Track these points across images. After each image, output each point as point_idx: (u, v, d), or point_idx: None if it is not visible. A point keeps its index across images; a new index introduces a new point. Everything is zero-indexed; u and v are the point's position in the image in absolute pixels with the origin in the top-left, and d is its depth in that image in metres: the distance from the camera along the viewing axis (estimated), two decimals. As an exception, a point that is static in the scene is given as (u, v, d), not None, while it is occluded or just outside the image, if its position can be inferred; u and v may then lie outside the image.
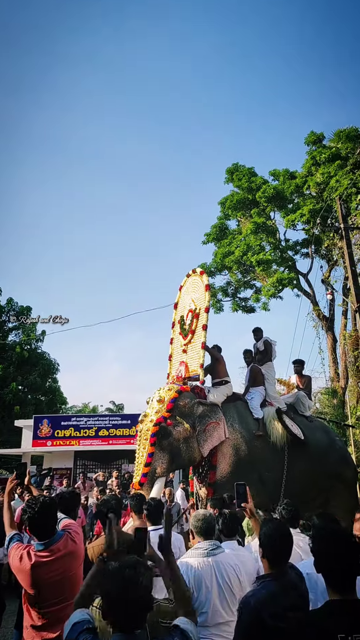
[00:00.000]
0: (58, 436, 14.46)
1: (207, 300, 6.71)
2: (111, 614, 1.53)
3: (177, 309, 7.53)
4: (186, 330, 6.96)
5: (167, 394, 6.02)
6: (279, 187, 20.05)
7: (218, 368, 6.76)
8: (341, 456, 7.31)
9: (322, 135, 19.61)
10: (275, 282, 19.87)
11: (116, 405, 33.56)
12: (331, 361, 20.88)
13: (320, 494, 6.54)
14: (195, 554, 2.87)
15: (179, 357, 7.04)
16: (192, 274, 7.35)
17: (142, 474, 5.56)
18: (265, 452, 6.24)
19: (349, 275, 10.15)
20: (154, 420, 5.79)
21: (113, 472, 13.12)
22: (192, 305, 7.02)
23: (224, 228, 22.38)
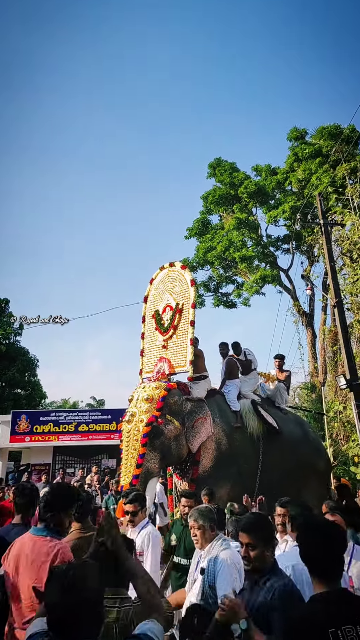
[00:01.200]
0: (37, 431, 14.29)
1: (193, 296, 6.58)
2: (51, 625, 1.31)
3: (148, 302, 7.27)
4: (165, 325, 6.78)
5: (155, 392, 5.86)
6: (261, 183, 20.13)
7: (197, 363, 6.73)
8: (314, 447, 7.53)
9: (304, 132, 19.74)
10: (258, 278, 20.01)
11: (97, 401, 33.36)
12: (310, 356, 21.15)
13: (294, 485, 6.64)
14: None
15: (156, 353, 6.87)
16: (169, 267, 7.12)
17: (134, 476, 5.41)
18: (243, 445, 6.33)
19: (328, 271, 10.25)
20: (144, 420, 5.64)
21: (92, 468, 13.07)
22: (169, 299, 6.84)
23: (206, 223, 22.38)
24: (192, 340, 6.37)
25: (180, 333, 6.60)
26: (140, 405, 5.79)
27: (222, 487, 5.82)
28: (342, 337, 9.78)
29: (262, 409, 6.80)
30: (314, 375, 20.64)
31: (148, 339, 7.11)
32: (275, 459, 6.43)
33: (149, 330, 7.10)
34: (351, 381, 9.18)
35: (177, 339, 6.62)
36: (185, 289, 6.72)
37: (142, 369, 7.04)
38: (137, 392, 6.03)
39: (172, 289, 6.94)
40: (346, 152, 17.03)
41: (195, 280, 7.08)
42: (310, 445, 7.40)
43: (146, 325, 7.16)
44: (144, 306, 7.27)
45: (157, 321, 6.92)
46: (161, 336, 6.80)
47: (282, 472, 6.46)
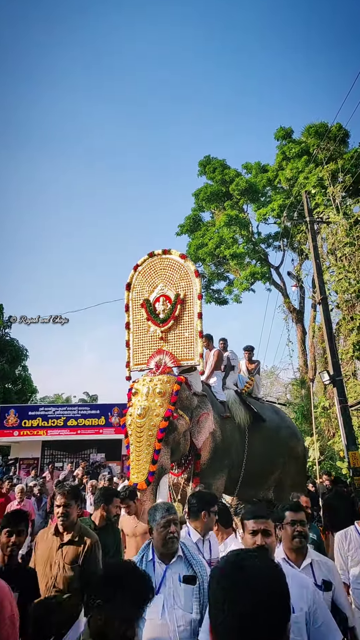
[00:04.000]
0: (25, 426, 14.38)
1: (198, 287, 6.33)
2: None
3: (133, 290, 6.80)
4: (162, 316, 6.39)
5: (166, 386, 5.58)
6: (252, 180, 20.24)
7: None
8: (292, 432, 7.75)
9: (290, 130, 19.87)
10: (248, 275, 20.15)
11: (90, 396, 33.40)
12: (300, 352, 21.34)
13: (275, 472, 6.79)
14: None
15: (150, 344, 6.52)
16: (162, 255, 6.69)
17: (150, 472, 5.16)
18: (232, 434, 6.36)
19: (314, 268, 10.38)
20: (159, 414, 5.38)
21: (81, 462, 13.18)
22: (164, 289, 6.51)
23: (197, 220, 22.47)
24: (201, 333, 6.19)
25: (183, 325, 6.30)
26: (154, 399, 5.51)
27: (219, 479, 5.94)
28: (327, 334, 9.93)
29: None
30: (303, 371, 20.85)
31: (136, 329, 6.68)
32: (258, 447, 6.54)
33: (136, 320, 6.67)
34: (334, 377, 9.32)
35: (179, 330, 6.32)
36: (187, 279, 6.41)
37: (129, 361, 6.56)
38: (144, 385, 5.68)
39: (169, 278, 6.57)
40: (332, 150, 17.17)
41: (199, 272, 6.67)
42: (289, 431, 7.58)
43: (132, 315, 6.71)
44: (127, 294, 6.77)
45: (149, 311, 6.50)
46: (156, 327, 6.42)
47: (265, 460, 6.60)
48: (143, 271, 6.80)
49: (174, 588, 2.33)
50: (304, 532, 2.53)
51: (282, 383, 30.42)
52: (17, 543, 2.62)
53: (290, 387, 24.01)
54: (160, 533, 2.42)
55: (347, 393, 13.91)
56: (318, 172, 16.54)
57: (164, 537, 2.40)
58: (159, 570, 2.39)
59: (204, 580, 2.34)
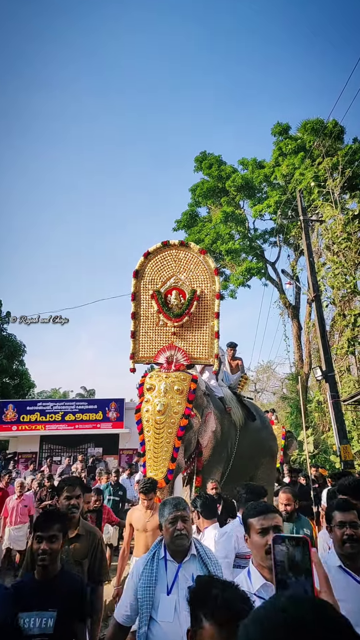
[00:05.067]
0: (23, 421, 14.56)
1: (218, 286, 6.14)
2: None
3: (142, 278, 6.42)
4: (176, 311, 6.12)
5: (183, 384, 5.47)
6: (248, 177, 20.32)
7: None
8: (271, 431, 7.89)
9: (287, 126, 19.93)
10: (244, 271, 20.29)
11: (87, 391, 33.58)
12: (296, 348, 21.54)
13: (254, 470, 6.88)
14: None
15: (159, 338, 6.27)
16: (180, 247, 6.36)
17: (169, 471, 5.06)
18: (229, 430, 6.38)
19: (307, 266, 10.52)
20: (179, 412, 5.29)
21: (78, 456, 13.36)
22: (179, 283, 6.24)
23: (194, 215, 22.57)
24: (217, 334, 6.05)
25: (198, 322, 6.13)
26: (172, 395, 5.40)
27: (217, 473, 6.01)
28: (319, 331, 10.10)
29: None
30: (298, 366, 21.05)
31: (144, 320, 6.34)
32: (245, 445, 6.61)
33: (145, 310, 6.33)
34: (326, 373, 9.50)
35: (194, 328, 6.13)
36: (206, 276, 6.17)
37: (134, 352, 6.25)
38: (160, 381, 5.51)
39: (185, 272, 6.28)
40: (328, 146, 17.27)
41: (218, 270, 6.41)
42: (269, 431, 7.71)
43: (140, 305, 6.35)
44: (134, 281, 6.38)
45: (160, 303, 6.18)
46: (168, 321, 6.15)
47: (249, 457, 6.69)
48: (155, 260, 6.40)
49: (187, 588, 2.27)
50: (356, 535, 2.28)
51: (278, 377, 30.82)
52: (49, 551, 2.19)
53: (286, 382, 24.31)
54: (168, 530, 2.34)
55: (342, 388, 14.14)
56: (314, 168, 16.66)
57: (171, 534, 2.31)
58: (171, 569, 2.29)
59: None
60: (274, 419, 12.25)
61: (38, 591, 2.15)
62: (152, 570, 2.29)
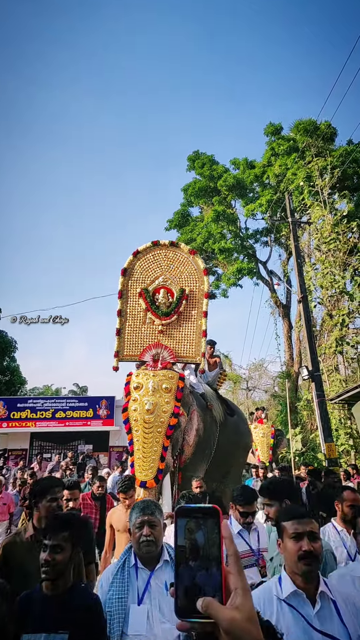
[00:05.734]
0: (14, 418, 14.63)
1: (207, 286, 6.22)
2: None
3: (129, 276, 6.43)
4: (164, 310, 6.14)
5: (171, 382, 5.48)
6: (239, 176, 20.44)
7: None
8: (246, 427, 7.94)
9: (280, 126, 20.06)
10: (235, 271, 20.44)
11: (80, 388, 33.59)
12: (287, 347, 21.74)
13: (231, 465, 6.89)
14: None
15: (145, 336, 6.25)
16: (170, 247, 6.43)
17: (158, 470, 5.04)
18: (210, 427, 6.40)
19: (295, 267, 10.67)
20: (168, 411, 5.28)
21: (68, 453, 13.46)
22: (168, 282, 6.30)
23: (186, 215, 22.66)
24: (205, 332, 6.08)
25: (186, 321, 6.17)
26: (161, 394, 5.39)
27: (200, 471, 6.01)
28: (306, 330, 10.27)
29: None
30: (289, 365, 21.26)
31: (131, 318, 6.33)
32: (224, 441, 6.62)
33: (131, 308, 6.33)
34: (313, 372, 9.66)
35: (181, 327, 6.17)
36: (195, 276, 6.25)
37: (118, 350, 6.20)
38: (147, 379, 5.49)
39: (174, 271, 6.34)
40: (320, 147, 17.42)
41: (208, 270, 6.49)
42: (245, 427, 7.78)
43: (127, 302, 6.35)
44: (121, 279, 6.38)
45: (148, 301, 6.22)
46: (156, 319, 6.17)
47: (227, 453, 6.69)
48: (144, 259, 6.44)
49: (160, 598, 2.07)
50: None
51: (270, 376, 31.04)
52: (53, 563, 1.90)
53: (278, 380, 24.49)
54: (135, 535, 2.20)
55: (329, 387, 14.34)
56: (306, 169, 16.80)
57: (137, 540, 2.17)
58: (143, 577, 2.15)
59: None
60: (264, 417, 12.39)
61: (46, 608, 1.85)
62: (123, 579, 2.12)
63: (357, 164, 17.79)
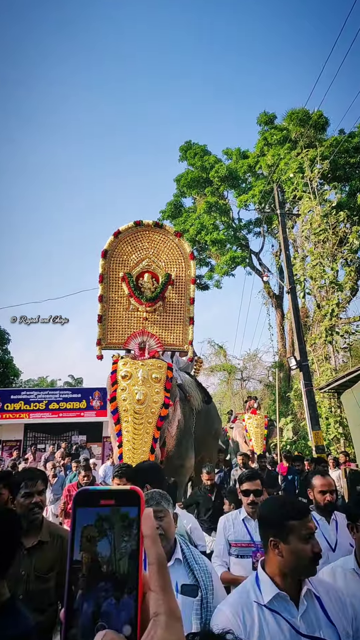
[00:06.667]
0: (7, 409, 14.76)
1: (193, 271, 6.02)
2: None
3: (110, 258, 6.09)
4: (148, 295, 5.92)
5: (160, 372, 5.31)
6: (232, 167, 20.43)
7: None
8: (216, 412, 7.88)
9: (273, 116, 20.01)
10: (228, 260, 20.52)
11: (75, 379, 33.73)
12: (279, 337, 21.92)
13: (200, 451, 6.77)
14: None
15: (131, 324, 6.03)
16: (154, 227, 6.11)
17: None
18: (189, 416, 6.27)
19: (284, 258, 10.77)
20: (158, 401, 5.15)
21: (62, 444, 13.61)
22: (152, 266, 6.05)
23: (179, 205, 22.67)
24: (192, 320, 5.94)
25: (172, 308, 5.99)
26: (151, 384, 5.23)
27: (188, 459, 5.94)
28: (294, 321, 10.40)
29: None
30: (282, 355, 21.45)
31: (113, 304, 6.07)
32: (198, 428, 6.49)
33: (113, 293, 6.06)
34: (301, 362, 9.80)
35: (166, 313, 5.99)
36: (181, 260, 6.04)
37: (101, 338, 5.97)
38: (136, 369, 5.29)
39: (159, 255, 6.08)
40: (312, 137, 17.42)
41: (195, 255, 6.28)
42: (215, 412, 7.72)
43: (109, 287, 6.06)
44: (102, 262, 6.04)
45: (131, 286, 5.95)
46: (139, 305, 5.95)
47: (201, 440, 6.57)
48: (126, 240, 6.10)
49: None
50: None
51: (264, 366, 31.28)
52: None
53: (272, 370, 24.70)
54: None
55: (319, 376, 14.52)
56: (299, 159, 16.83)
57: None
58: None
59: (207, 591, 1.89)
60: (256, 407, 12.56)
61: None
62: None
63: (348, 154, 17.81)
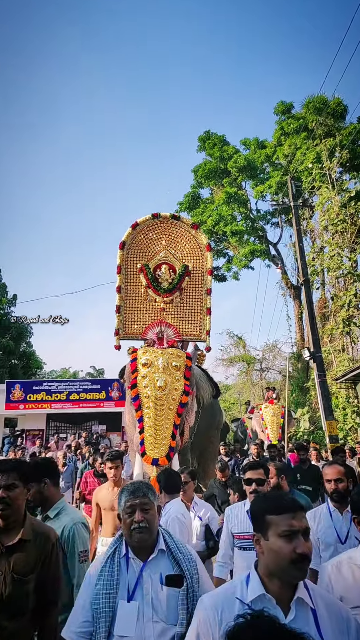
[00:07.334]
0: (30, 400, 15.25)
1: (210, 262, 6.12)
2: None
3: (129, 250, 6.18)
4: (165, 286, 5.99)
5: (179, 360, 5.36)
6: (250, 157, 20.32)
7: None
8: (218, 404, 7.64)
9: (290, 105, 19.79)
10: (247, 253, 20.51)
11: (97, 370, 34.34)
12: (297, 328, 21.85)
13: (204, 444, 6.72)
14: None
15: (149, 314, 6.10)
16: (172, 220, 6.21)
17: (170, 448, 4.92)
18: (198, 408, 6.17)
19: (297, 250, 10.78)
20: (179, 389, 5.21)
21: (82, 433, 14.03)
22: (169, 257, 6.14)
23: (196, 197, 22.68)
24: (209, 310, 6.03)
25: (189, 298, 6.07)
26: (171, 372, 5.27)
27: (194, 452, 6.01)
28: (308, 312, 10.44)
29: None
30: (300, 346, 21.39)
31: (131, 294, 6.13)
32: (202, 420, 6.38)
33: (131, 284, 6.12)
34: (314, 353, 9.86)
35: (183, 304, 6.06)
36: (198, 252, 6.12)
37: (118, 328, 6.02)
38: (156, 357, 5.32)
39: (176, 246, 6.17)
40: (330, 125, 17.19)
41: (212, 247, 6.39)
42: (218, 405, 7.52)
43: (127, 278, 6.13)
44: (120, 253, 6.11)
45: (149, 277, 6.02)
46: (157, 296, 6.03)
47: (203, 432, 6.47)
48: (144, 232, 6.20)
49: (154, 593, 1.79)
50: None
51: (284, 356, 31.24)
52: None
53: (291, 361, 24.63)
54: (125, 521, 1.91)
55: (336, 367, 14.52)
56: (317, 149, 16.64)
57: (128, 527, 1.88)
58: (134, 569, 1.85)
59: (193, 580, 1.84)
60: (274, 397, 12.67)
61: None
62: (112, 571, 1.83)
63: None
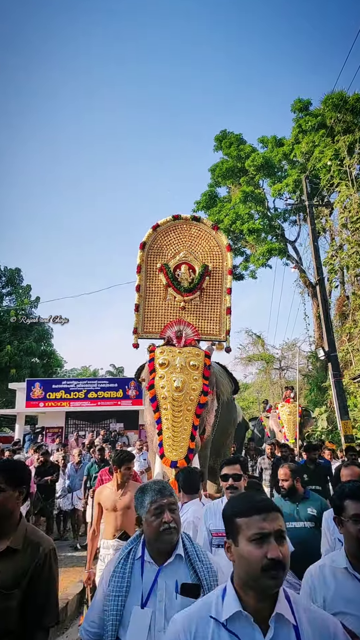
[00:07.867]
0: (50, 398, 15.57)
1: (230, 262, 6.17)
2: None
3: (149, 250, 6.27)
4: (186, 286, 6.02)
5: (198, 359, 5.27)
6: (267, 155, 20.20)
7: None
8: (234, 401, 7.56)
9: (308, 102, 19.61)
10: (265, 252, 20.42)
11: (116, 368, 34.68)
12: (316, 326, 21.65)
13: (221, 442, 6.68)
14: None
15: (168, 313, 6.12)
16: (192, 221, 6.32)
17: (189, 450, 4.84)
18: (218, 406, 6.14)
19: (312, 250, 10.72)
20: (197, 389, 5.11)
21: (101, 431, 14.25)
22: (189, 257, 6.19)
23: (213, 196, 22.65)
24: (229, 310, 6.04)
25: (209, 298, 6.11)
26: (189, 372, 5.19)
27: (208, 448, 5.93)
28: (322, 312, 10.39)
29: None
30: (318, 345, 21.19)
31: (150, 294, 6.19)
32: (222, 417, 6.36)
33: (151, 284, 6.18)
34: (329, 353, 9.81)
35: (203, 304, 6.11)
36: (218, 252, 6.19)
37: (137, 327, 6.07)
38: (173, 356, 5.25)
39: (197, 247, 6.25)
40: (349, 122, 16.97)
41: (231, 246, 6.38)
42: (234, 403, 7.48)
43: (147, 277, 6.20)
44: (140, 253, 6.21)
45: (169, 277, 6.06)
46: (177, 295, 6.07)
47: (222, 430, 6.44)
48: (164, 233, 6.31)
49: (168, 600, 1.68)
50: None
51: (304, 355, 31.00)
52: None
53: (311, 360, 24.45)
54: (151, 524, 1.78)
55: (354, 365, 14.37)
56: (335, 146, 16.44)
57: (156, 530, 1.77)
58: (149, 574, 1.74)
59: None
60: (292, 396, 12.63)
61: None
62: (124, 574, 1.75)
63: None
